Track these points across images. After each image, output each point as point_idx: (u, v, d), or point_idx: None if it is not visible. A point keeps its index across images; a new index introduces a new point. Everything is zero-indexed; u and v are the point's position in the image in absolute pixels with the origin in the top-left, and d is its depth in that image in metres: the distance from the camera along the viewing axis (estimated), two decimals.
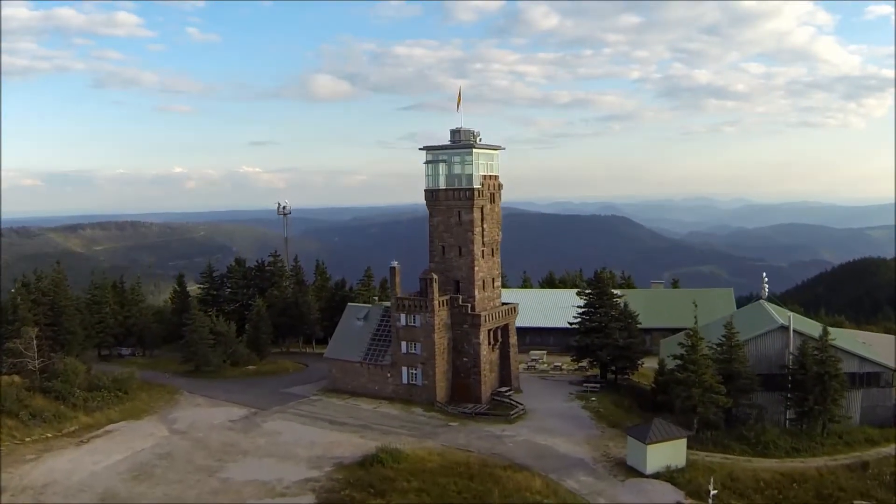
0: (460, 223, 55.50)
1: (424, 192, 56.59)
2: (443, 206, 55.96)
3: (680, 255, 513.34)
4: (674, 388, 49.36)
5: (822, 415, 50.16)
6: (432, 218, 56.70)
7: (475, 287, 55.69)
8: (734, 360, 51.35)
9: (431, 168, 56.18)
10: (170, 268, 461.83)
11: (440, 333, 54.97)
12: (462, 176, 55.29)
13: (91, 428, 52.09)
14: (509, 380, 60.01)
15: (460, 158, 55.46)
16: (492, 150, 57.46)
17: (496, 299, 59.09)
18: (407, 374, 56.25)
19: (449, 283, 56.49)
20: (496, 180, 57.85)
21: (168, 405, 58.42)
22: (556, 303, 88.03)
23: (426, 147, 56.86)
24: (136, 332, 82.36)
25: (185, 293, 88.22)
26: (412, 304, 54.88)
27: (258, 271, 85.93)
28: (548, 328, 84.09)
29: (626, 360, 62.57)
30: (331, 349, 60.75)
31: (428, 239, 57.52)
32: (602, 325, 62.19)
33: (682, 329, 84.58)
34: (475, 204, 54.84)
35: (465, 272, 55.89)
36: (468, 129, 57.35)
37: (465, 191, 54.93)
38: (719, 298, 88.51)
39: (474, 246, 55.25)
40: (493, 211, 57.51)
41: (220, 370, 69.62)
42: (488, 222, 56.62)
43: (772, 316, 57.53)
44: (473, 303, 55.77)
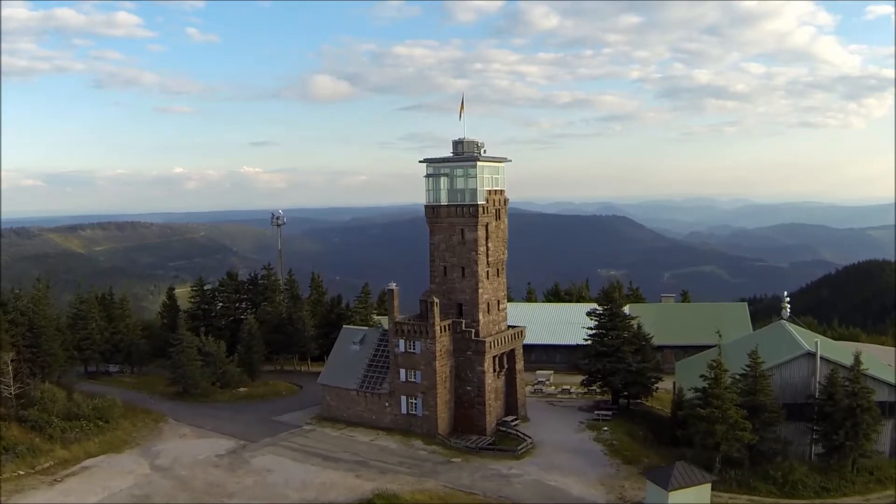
0: (463, 242, 51.73)
1: (425, 208, 52.83)
2: (444, 224, 52.17)
3: (681, 256, 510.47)
4: (694, 423, 45.64)
5: (853, 451, 46.46)
6: (433, 236, 52.91)
7: (479, 311, 51.93)
8: (759, 391, 47.63)
9: (432, 182, 52.39)
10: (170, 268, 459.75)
11: (442, 361, 51.22)
12: (465, 191, 51.51)
13: (67, 464, 48.38)
14: (515, 407, 56.26)
15: (463, 172, 51.68)
16: (497, 162, 53.70)
17: (502, 322, 55.32)
18: (406, 403, 52.50)
19: (451, 306, 52.73)
20: (502, 195, 54.07)
21: (151, 435, 54.69)
22: (562, 318, 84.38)
23: (427, 160, 53.11)
24: (123, 349, 78.65)
25: (175, 307, 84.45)
26: (412, 330, 51.12)
27: (251, 285, 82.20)
28: (554, 345, 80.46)
29: (639, 385, 58.83)
30: (325, 375, 57.00)
31: (428, 258, 53.77)
32: (614, 349, 58.44)
33: (696, 347, 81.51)
34: (479, 221, 51.07)
35: (468, 295, 52.13)
36: (471, 139, 53.60)
37: (469, 207, 51.16)
38: (733, 313, 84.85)
39: (478, 267, 51.48)
40: (499, 228, 53.74)
41: (208, 393, 65.91)
42: (493, 241, 52.84)
43: (797, 341, 53.70)
44: (477, 327, 52.02)
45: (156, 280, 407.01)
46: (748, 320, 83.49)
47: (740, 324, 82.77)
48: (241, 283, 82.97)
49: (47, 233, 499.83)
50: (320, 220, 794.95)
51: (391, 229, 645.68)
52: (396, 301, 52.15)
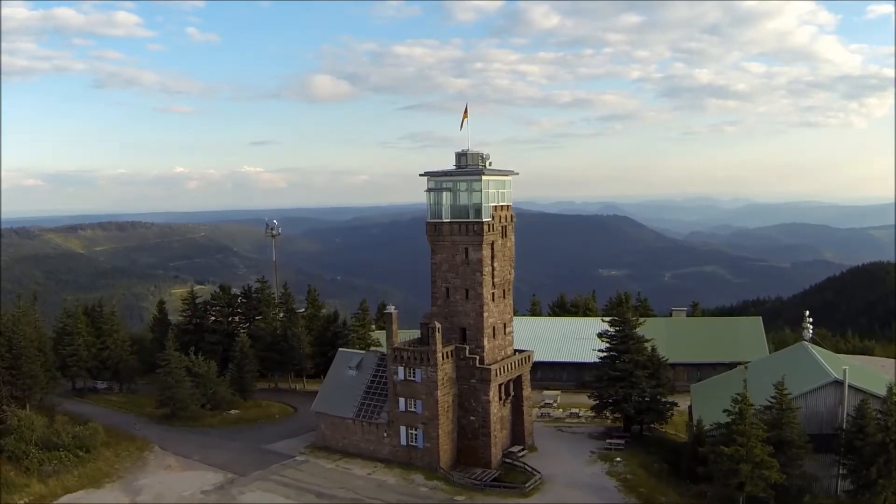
0: (467, 262, 48.29)
1: (426, 225, 49.38)
2: (447, 242, 48.73)
3: (682, 256, 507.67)
4: (717, 460, 42.22)
5: (885, 489, 43.04)
6: (434, 255, 49.47)
7: (484, 336, 48.50)
8: (785, 424, 44.23)
9: (434, 197, 48.94)
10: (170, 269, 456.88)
11: (444, 389, 47.81)
12: (469, 207, 48.06)
13: (44, 500, 45.07)
14: (522, 437, 52.84)
15: (467, 186, 48.23)
16: (503, 175, 50.25)
17: (508, 347, 51.88)
18: (406, 434, 49.09)
19: (454, 331, 49.32)
20: (509, 211, 50.62)
21: (135, 467, 51.31)
22: (569, 333, 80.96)
23: (428, 173, 49.67)
24: (111, 365, 75.34)
25: (165, 321, 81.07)
26: (412, 356, 47.70)
27: (245, 298, 78.78)
28: (561, 363, 77.00)
29: (654, 413, 55.40)
30: (320, 401, 53.58)
31: (430, 279, 50.36)
32: (627, 373, 54.99)
33: (709, 365, 78.22)
34: (484, 240, 47.63)
35: (472, 319, 48.69)
36: (476, 151, 50.14)
37: (473, 225, 47.71)
38: (747, 328, 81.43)
39: (483, 289, 48.04)
40: (505, 247, 50.29)
41: (198, 416, 62.55)
42: (499, 260, 49.40)
43: (823, 368, 50.20)
44: (482, 354, 48.60)
45: (156, 280, 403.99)
46: (763, 336, 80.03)
47: (755, 340, 79.34)
48: (235, 295, 79.59)
49: (48, 233, 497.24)
50: (321, 219, 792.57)
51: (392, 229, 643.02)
52: (395, 325, 48.73)
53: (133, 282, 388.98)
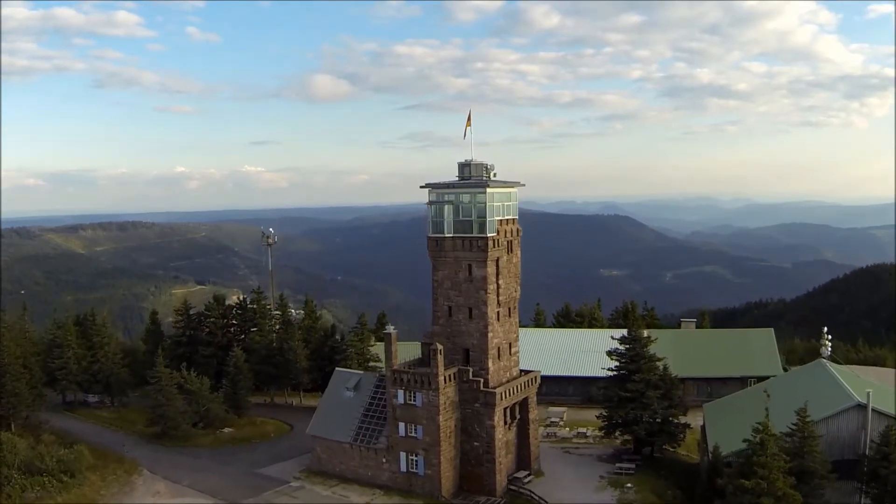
0: (471, 279, 45.76)
1: (427, 240, 46.85)
2: (449, 258, 46.19)
3: (683, 256, 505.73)
4: (736, 493, 39.69)
5: None
6: (436, 271, 46.93)
7: (489, 357, 45.98)
8: (808, 453, 41.70)
9: (435, 210, 46.40)
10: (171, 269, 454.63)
11: (446, 414, 45.30)
12: (473, 221, 45.51)
13: None
14: (528, 461, 50.31)
15: (470, 199, 45.66)
16: (509, 187, 47.71)
17: (514, 368, 49.35)
18: (406, 460, 46.60)
19: (456, 351, 46.80)
20: (514, 224, 48.08)
21: (122, 492, 48.86)
22: (574, 345, 78.37)
23: (429, 185, 47.15)
24: (102, 379, 72.92)
25: (158, 332, 78.61)
26: (412, 380, 45.18)
27: (240, 309, 76.25)
28: (567, 377, 74.41)
29: (666, 435, 52.86)
30: (316, 424, 51.07)
31: (431, 296, 47.86)
32: (638, 394, 52.44)
33: (720, 379, 75.63)
34: (489, 256, 45.09)
35: (476, 339, 46.17)
36: (480, 161, 47.61)
37: (477, 240, 45.17)
38: (759, 341, 78.88)
39: (488, 308, 45.50)
40: (511, 262, 47.75)
41: (189, 436, 60.08)
42: (505, 277, 46.86)
43: (845, 391, 47.63)
44: (486, 376, 46.07)
45: (157, 281, 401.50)
46: (776, 349, 77.48)
47: (767, 353, 76.83)
48: (229, 306, 77.05)
49: (48, 233, 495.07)
50: (322, 219, 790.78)
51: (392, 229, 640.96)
52: (395, 346, 46.21)
53: (133, 282, 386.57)
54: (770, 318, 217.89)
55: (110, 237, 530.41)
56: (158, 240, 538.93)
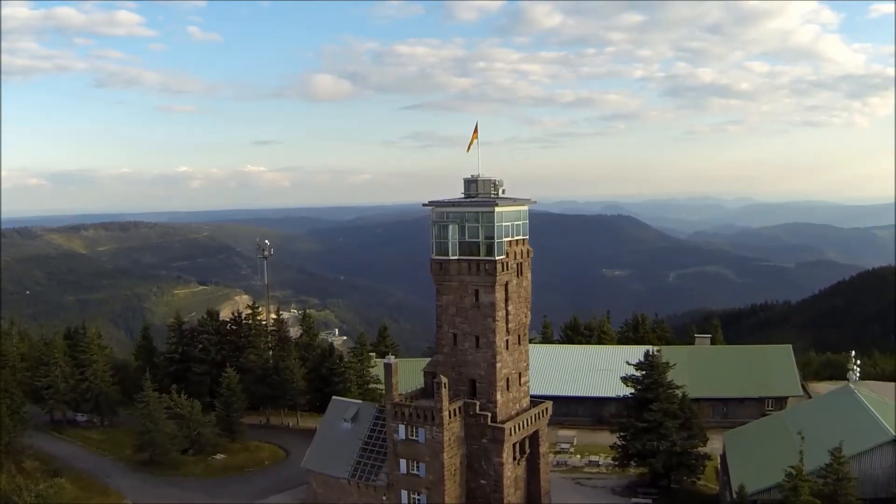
0: (477, 306, 42.40)
1: (430, 262, 43.48)
2: (454, 283, 42.82)
3: (686, 256, 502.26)
4: None
5: None
6: (440, 296, 43.57)
7: (497, 389, 42.62)
8: (841, 495, 38.39)
9: (439, 231, 43.00)
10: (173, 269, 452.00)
11: (451, 451, 41.97)
12: (480, 243, 42.11)
13: None
14: (538, 496, 46.94)
15: (477, 219, 42.25)
16: (519, 205, 44.33)
17: (523, 399, 45.98)
18: (408, 499, 43.27)
19: (462, 382, 43.47)
20: (525, 245, 44.68)
21: None
22: (584, 363, 75.01)
23: (433, 203, 43.79)
24: (90, 398, 69.77)
25: (150, 348, 75.35)
26: (414, 414, 41.84)
27: (234, 325, 72.94)
28: (576, 397, 71.03)
29: (685, 468, 49.49)
30: (311, 457, 47.79)
31: (435, 323, 44.54)
32: (656, 423, 49.08)
33: (737, 400, 72.15)
34: (498, 281, 41.72)
35: (483, 370, 42.82)
36: (487, 178, 44.25)
37: (485, 263, 41.79)
38: (776, 358, 75.42)
39: (496, 336, 42.14)
40: (521, 286, 44.37)
41: (179, 463, 56.81)
42: (514, 302, 43.48)
43: (878, 424, 44.30)
44: (494, 409, 42.73)
45: (158, 281, 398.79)
46: (794, 367, 74.07)
47: (785, 372, 73.44)
48: (223, 322, 73.75)
49: (50, 233, 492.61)
50: (324, 219, 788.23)
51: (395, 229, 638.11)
52: (395, 377, 42.85)
53: (135, 282, 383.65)
54: (776, 321, 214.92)
55: (112, 237, 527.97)
56: (160, 240, 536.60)
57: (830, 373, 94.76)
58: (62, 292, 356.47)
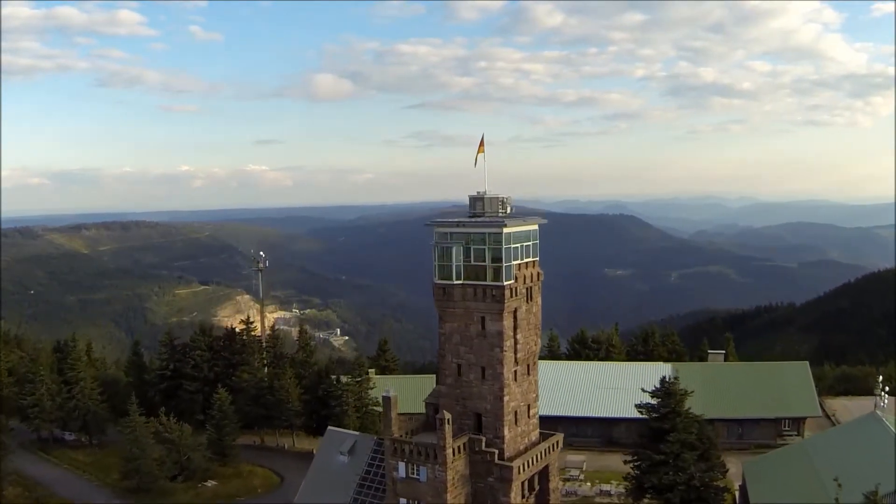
0: (484, 335, 39.24)
1: (433, 287, 40.33)
2: (459, 310, 39.66)
3: (688, 255, 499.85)
4: None
5: None
6: (443, 324, 40.41)
7: (504, 424, 39.47)
8: None
9: (442, 253, 39.81)
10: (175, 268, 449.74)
11: (455, 491, 38.85)
12: (487, 267, 38.94)
13: None
14: None
15: (483, 239, 39.06)
16: (529, 225, 41.11)
17: (532, 432, 42.83)
18: None
19: (466, 416, 40.32)
20: (535, 268, 41.47)
21: None
22: (593, 380, 71.94)
23: (435, 223, 40.64)
24: (78, 416, 66.91)
25: (140, 364, 72.38)
26: (415, 452, 38.73)
27: (227, 341, 69.90)
28: (585, 418, 67.99)
29: (703, 502, 46.33)
30: (305, 493, 44.69)
31: (437, 352, 41.40)
32: (673, 456, 45.97)
33: (752, 420, 69.00)
34: (506, 308, 38.55)
35: (489, 403, 39.67)
36: (494, 195, 41.05)
37: (492, 289, 38.62)
38: (793, 376, 72.32)
39: (504, 367, 38.99)
40: (531, 312, 41.20)
41: (167, 492, 53.87)
42: (524, 330, 40.33)
43: None
44: (502, 446, 39.58)
45: (160, 281, 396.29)
46: (811, 385, 70.97)
47: (802, 390, 70.30)
48: (216, 338, 70.70)
49: (51, 233, 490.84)
50: (327, 218, 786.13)
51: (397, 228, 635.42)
52: (394, 411, 39.72)
53: (136, 282, 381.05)
54: (780, 323, 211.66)
55: (113, 237, 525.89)
56: (162, 239, 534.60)
57: (846, 387, 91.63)
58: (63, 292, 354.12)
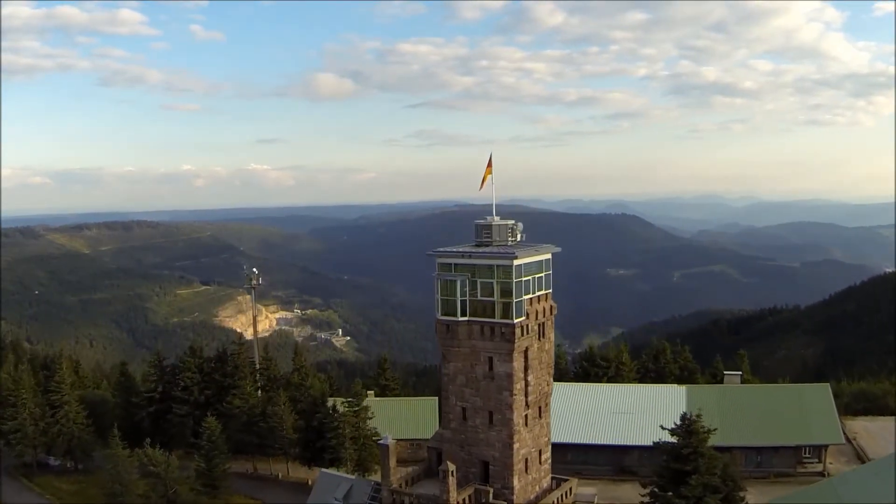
0: (492, 377, 35.80)
1: (436, 323, 36.88)
2: (464, 349, 36.20)
3: (691, 255, 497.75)
4: None
5: None
6: (447, 363, 36.98)
7: (514, 473, 36.04)
8: None
9: (445, 286, 36.29)
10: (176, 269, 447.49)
11: None
12: (496, 303, 35.47)
13: None
14: None
15: (491, 272, 35.58)
16: (542, 254, 37.57)
17: (544, 479, 39.39)
18: None
19: (472, 463, 36.92)
20: (547, 301, 37.96)
21: None
22: (603, 405, 68.23)
23: (437, 252, 37.12)
24: (62, 442, 63.66)
25: (130, 386, 69.01)
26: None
27: (218, 363, 66.43)
28: (595, 445, 64.40)
29: None
30: None
31: (441, 392, 37.99)
32: (695, 500, 42.40)
33: (771, 448, 65.35)
34: (516, 347, 35.11)
35: (497, 450, 36.24)
36: (503, 222, 37.56)
37: (501, 327, 35.16)
38: (814, 399, 68.50)
39: (513, 413, 35.55)
40: (543, 350, 37.73)
41: None
42: (535, 370, 36.87)
43: None
44: (511, 496, 36.16)
45: (161, 281, 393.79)
46: (833, 409, 67.20)
47: (824, 415, 66.50)
48: (207, 359, 67.25)
49: (52, 233, 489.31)
50: (329, 217, 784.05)
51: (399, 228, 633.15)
52: (392, 460, 36.33)
53: (138, 282, 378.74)
54: (785, 326, 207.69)
55: (115, 237, 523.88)
56: (163, 239, 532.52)
57: (865, 406, 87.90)
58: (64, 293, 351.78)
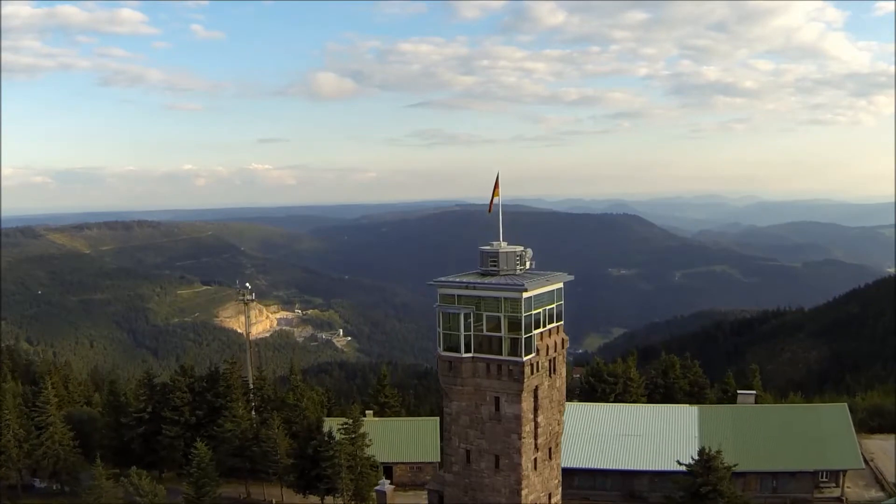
0: (498, 418, 32.91)
1: (437, 359, 33.98)
2: (468, 387, 33.31)
3: (692, 255, 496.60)
4: None
5: None
6: (450, 402, 34.08)
7: None
8: None
9: (447, 319, 33.26)
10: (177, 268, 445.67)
11: None
12: (504, 339, 32.52)
13: None
14: None
15: (498, 305, 32.59)
16: (553, 283, 34.42)
17: None
18: None
19: None
20: (559, 334, 34.97)
21: None
22: (610, 426, 65.65)
23: (438, 282, 33.97)
24: (47, 465, 61.10)
25: (119, 406, 66.34)
26: None
27: (209, 382, 63.71)
28: (602, 470, 61.69)
29: None
30: None
31: (442, 433, 35.11)
32: None
33: (788, 473, 62.46)
34: (525, 387, 32.19)
35: (504, 497, 33.35)
36: (511, 249, 34.47)
37: (509, 365, 32.23)
38: (831, 420, 65.96)
39: (522, 457, 32.66)
40: (554, 387, 34.81)
41: None
42: (546, 410, 33.97)
43: None
44: None
45: (162, 281, 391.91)
46: (852, 431, 64.60)
47: (842, 438, 63.90)
48: (198, 378, 64.56)
49: (53, 232, 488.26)
50: (330, 217, 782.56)
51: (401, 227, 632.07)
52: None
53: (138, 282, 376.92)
54: (789, 328, 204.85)
55: (116, 236, 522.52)
56: (164, 239, 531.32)
57: (881, 423, 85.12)
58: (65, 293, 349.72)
